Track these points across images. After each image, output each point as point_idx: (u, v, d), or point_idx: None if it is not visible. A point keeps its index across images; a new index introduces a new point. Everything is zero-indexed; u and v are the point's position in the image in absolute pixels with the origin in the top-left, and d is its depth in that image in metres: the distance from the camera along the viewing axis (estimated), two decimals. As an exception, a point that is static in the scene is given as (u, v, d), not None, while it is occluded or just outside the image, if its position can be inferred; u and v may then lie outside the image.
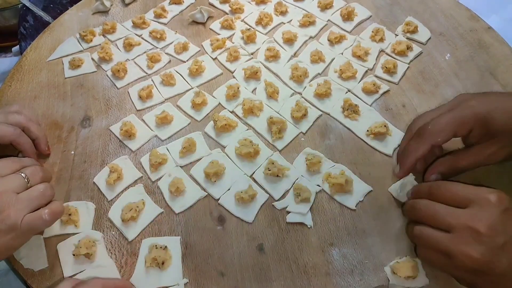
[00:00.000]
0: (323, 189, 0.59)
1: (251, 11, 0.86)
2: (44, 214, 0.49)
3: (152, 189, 0.61)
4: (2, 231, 0.46)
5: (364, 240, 0.54)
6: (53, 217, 0.50)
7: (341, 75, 0.72)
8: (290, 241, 0.55)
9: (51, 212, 0.50)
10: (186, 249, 0.55)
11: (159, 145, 0.66)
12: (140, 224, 0.57)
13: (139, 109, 0.71)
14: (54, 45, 0.84)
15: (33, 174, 0.51)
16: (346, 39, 0.79)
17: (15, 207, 0.47)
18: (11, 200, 0.47)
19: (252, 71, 0.72)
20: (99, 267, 0.54)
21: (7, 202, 0.47)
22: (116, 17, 0.90)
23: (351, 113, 0.67)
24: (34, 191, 0.50)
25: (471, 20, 0.81)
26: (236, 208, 0.58)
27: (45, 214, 0.49)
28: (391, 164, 0.61)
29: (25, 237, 0.50)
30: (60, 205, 0.52)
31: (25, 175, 0.50)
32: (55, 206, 0.51)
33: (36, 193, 0.50)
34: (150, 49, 0.81)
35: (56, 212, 0.51)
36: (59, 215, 0.52)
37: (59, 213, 0.52)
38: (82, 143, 0.67)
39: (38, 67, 0.80)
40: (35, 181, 0.51)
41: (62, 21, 0.90)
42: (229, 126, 0.66)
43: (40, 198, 0.50)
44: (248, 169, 0.62)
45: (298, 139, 0.65)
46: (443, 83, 0.71)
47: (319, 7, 0.86)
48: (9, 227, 0.46)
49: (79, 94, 0.75)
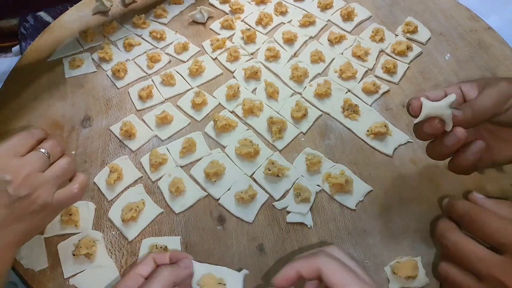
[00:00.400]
0: (323, 189, 0.59)
1: (251, 11, 0.86)
2: (74, 188, 0.50)
3: (152, 189, 0.61)
4: (35, 211, 0.47)
5: (364, 240, 0.54)
6: (83, 190, 0.51)
7: (341, 75, 0.72)
8: (290, 241, 0.55)
9: (80, 186, 0.51)
10: (186, 249, 0.55)
11: (159, 145, 0.66)
12: (140, 224, 0.57)
13: (139, 109, 0.71)
14: (54, 45, 0.84)
15: (53, 149, 0.50)
16: (346, 39, 0.79)
17: (44, 186, 0.47)
18: (39, 180, 0.47)
19: (252, 71, 0.72)
20: (99, 267, 0.54)
21: (35, 183, 0.47)
22: (116, 17, 0.90)
23: (351, 113, 0.67)
24: (58, 168, 0.50)
25: (471, 20, 0.81)
26: (236, 208, 0.58)
27: (75, 188, 0.50)
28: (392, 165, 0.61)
29: (57, 213, 0.52)
30: (85, 177, 0.53)
31: (45, 151, 0.49)
32: (81, 179, 0.52)
33: (61, 169, 0.50)
34: (150, 49, 0.81)
35: (84, 185, 0.52)
36: (87, 186, 0.53)
37: (87, 186, 0.53)
38: (82, 143, 0.67)
39: (38, 67, 0.80)
40: (56, 156, 0.51)
41: (62, 21, 0.90)
42: (229, 126, 0.66)
43: (65, 174, 0.51)
44: (248, 169, 0.62)
45: (298, 139, 0.65)
46: (443, 83, 0.71)
47: (319, 7, 0.86)
48: (42, 207, 0.47)
49: (79, 94, 0.75)
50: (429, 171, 0.60)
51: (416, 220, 0.55)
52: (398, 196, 0.58)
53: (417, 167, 0.61)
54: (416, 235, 0.54)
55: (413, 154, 0.62)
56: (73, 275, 0.53)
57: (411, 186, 0.59)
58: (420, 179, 0.59)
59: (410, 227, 0.55)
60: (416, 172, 0.60)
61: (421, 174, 0.60)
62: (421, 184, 0.59)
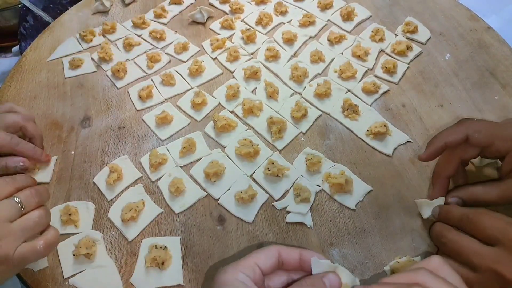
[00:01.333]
0: (323, 189, 0.59)
1: (251, 11, 0.87)
2: (39, 245, 0.46)
3: (152, 189, 0.61)
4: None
5: (364, 240, 0.54)
6: (48, 248, 0.47)
7: (341, 75, 0.72)
8: (290, 241, 0.55)
9: (46, 243, 0.46)
10: (186, 249, 0.55)
11: (159, 145, 0.66)
12: (140, 224, 0.57)
13: (139, 109, 0.71)
14: (54, 45, 0.84)
15: (28, 198, 0.47)
16: (346, 39, 0.79)
17: (7, 238, 0.43)
18: (4, 230, 0.43)
19: (252, 71, 0.72)
20: (99, 267, 0.54)
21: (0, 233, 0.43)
22: (116, 17, 0.90)
23: (351, 113, 0.67)
24: (28, 220, 0.46)
25: (471, 20, 0.81)
26: (236, 208, 0.58)
27: (40, 245, 0.46)
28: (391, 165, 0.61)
29: (16, 269, 0.46)
30: (55, 234, 0.48)
31: (19, 200, 0.46)
32: (50, 236, 0.47)
33: (30, 222, 0.46)
34: (150, 49, 0.81)
35: (51, 243, 0.47)
36: (54, 245, 0.49)
37: (55, 243, 0.49)
38: (82, 143, 0.67)
39: (38, 67, 0.80)
40: (30, 206, 0.47)
41: (62, 21, 0.90)
42: (229, 126, 0.66)
43: (34, 228, 0.46)
44: (248, 169, 0.62)
45: (298, 139, 0.65)
46: (443, 83, 0.71)
47: (319, 7, 0.86)
48: (1, 259, 0.43)
49: (79, 94, 0.75)
50: (428, 171, 0.60)
51: (415, 220, 0.55)
52: (397, 196, 0.58)
53: (417, 167, 0.61)
54: (416, 235, 0.54)
55: (412, 154, 0.62)
56: (72, 275, 0.53)
57: (410, 186, 0.59)
58: (419, 179, 0.59)
59: (410, 227, 0.55)
60: (415, 172, 0.60)
61: (420, 174, 0.60)
62: (421, 184, 0.59)
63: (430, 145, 0.53)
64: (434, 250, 0.52)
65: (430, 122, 0.66)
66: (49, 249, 0.47)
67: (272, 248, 0.39)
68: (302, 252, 0.39)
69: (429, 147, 0.53)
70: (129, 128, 0.69)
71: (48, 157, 0.64)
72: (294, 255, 0.39)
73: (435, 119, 0.66)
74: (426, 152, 0.53)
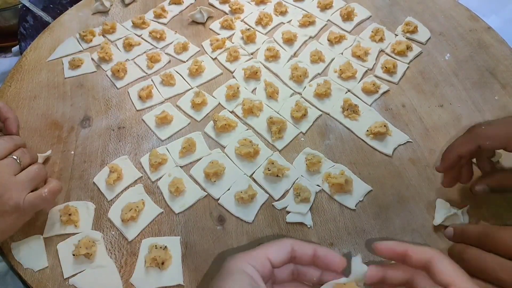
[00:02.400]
0: (323, 189, 0.59)
1: (251, 11, 0.87)
2: (44, 192, 0.52)
3: (152, 189, 0.61)
4: (7, 212, 0.49)
5: (364, 240, 0.54)
6: (52, 195, 0.53)
7: (341, 75, 0.72)
8: (290, 241, 0.55)
9: (50, 190, 0.53)
10: (186, 249, 0.55)
11: (159, 145, 0.66)
12: (140, 224, 0.57)
13: (138, 109, 0.71)
14: (54, 45, 0.84)
15: (24, 155, 0.54)
16: (346, 39, 0.79)
17: (16, 189, 0.49)
18: (11, 182, 0.49)
19: (252, 71, 0.72)
20: (99, 267, 0.54)
21: (8, 184, 0.49)
22: (116, 17, 0.90)
23: (351, 113, 0.67)
24: (30, 171, 0.53)
25: (471, 20, 0.81)
26: (236, 208, 0.58)
27: (45, 192, 0.52)
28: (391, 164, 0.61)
29: (27, 216, 0.53)
30: (57, 183, 0.55)
31: (17, 157, 0.53)
32: (53, 184, 0.54)
33: (32, 174, 0.53)
34: (150, 49, 0.81)
35: (55, 190, 0.54)
36: (57, 192, 0.55)
37: (58, 190, 0.55)
38: (82, 143, 0.67)
39: (38, 67, 0.80)
40: (26, 163, 0.54)
41: (62, 21, 0.90)
42: (229, 126, 0.66)
43: (37, 178, 0.53)
44: (248, 169, 0.62)
45: (298, 139, 0.65)
46: (443, 82, 0.71)
47: (319, 7, 0.86)
48: (13, 208, 0.49)
49: (79, 94, 0.75)
50: (428, 171, 0.60)
51: (415, 220, 0.55)
52: (397, 196, 0.58)
53: (417, 167, 0.61)
54: (415, 235, 0.54)
55: (412, 154, 0.62)
56: (72, 275, 0.53)
57: (410, 186, 0.59)
58: (419, 179, 0.59)
59: (409, 227, 0.55)
60: (415, 172, 0.60)
61: (420, 174, 0.60)
62: (420, 184, 0.59)
63: (445, 158, 0.52)
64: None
65: (430, 122, 0.66)
66: (53, 196, 0.54)
67: (285, 242, 0.39)
68: (317, 249, 0.39)
69: (444, 160, 0.52)
70: (129, 128, 0.69)
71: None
72: (308, 250, 0.39)
73: (435, 119, 0.66)
74: (442, 165, 0.52)
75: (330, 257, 0.38)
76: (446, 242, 0.53)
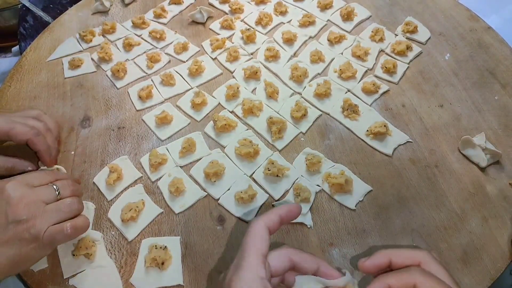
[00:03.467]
0: (323, 189, 0.59)
1: (251, 11, 0.87)
2: (67, 228, 0.48)
3: (152, 189, 0.61)
4: (26, 240, 0.45)
5: (364, 240, 0.54)
6: (75, 231, 0.49)
7: (341, 75, 0.72)
8: (290, 241, 0.55)
9: (74, 226, 0.49)
10: (186, 249, 0.55)
11: (159, 145, 0.66)
12: (140, 224, 0.57)
13: (138, 109, 0.71)
14: (54, 45, 0.84)
15: (64, 186, 0.51)
16: (346, 39, 0.79)
17: (41, 217, 0.46)
18: (39, 210, 0.46)
19: (252, 71, 0.72)
20: (99, 267, 0.54)
21: (35, 211, 0.46)
22: (115, 17, 0.90)
23: (351, 113, 0.67)
24: (62, 203, 0.49)
25: (471, 20, 0.81)
26: (236, 208, 0.58)
27: (68, 228, 0.48)
28: (391, 164, 0.61)
29: (46, 249, 0.48)
30: (85, 220, 0.51)
31: (56, 187, 0.50)
32: (79, 220, 0.50)
33: (63, 206, 0.49)
34: (150, 49, 0.81)
35: (79, 226, 0.49)
36: (82, 230, 0.51)
37: (82, 228, 0.50)
38: (81, 143, 0.67)
39: (38, 67, 0.80)
40: (65, 194, 0.50)
41: (62, 21, 0.90)
42: (229, 126, 0.66)
43: (66, 211, 0.49)
44: (248, 169, 0.62)
45: (298, 139, 0.65)
46: (443, 82, 0.71)
47: (319, 7, 0.86)
48: (33, 237, 0.45)
49: (78, 94, 0.75)
50: (428, 171, 0.60)
51: (415, 220, 0.55)
52: (397, 196, 0.58)
53: (416, 167, 0.61)
54: (415, 235, 0.54)
55: (412, 154, 0.62)
56: (72, 275, 0.53)
57: (410, 186, 0.59)
58: (419, 179, 0.59)
59: (409, 227, 0.55)
60: (415, 172, 0.60)
61: (420, 174, 0.60)
62: (420, 184, 0.59)
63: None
64: (433, 249, 0.52)
65: (430, 122, 0.66)
66: (76, 233, 0.49)
67: (283, 253, 0.39)
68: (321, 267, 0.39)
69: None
70: (129, 128, 0.69)
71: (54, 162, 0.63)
72: (312, 264, 0.39)
73: (435, 119, 0.66)
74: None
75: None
76: (446, 242, 0.53)
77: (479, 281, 0.50)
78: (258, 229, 0.39)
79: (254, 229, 0.39)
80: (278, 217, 0.41)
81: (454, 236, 0.54)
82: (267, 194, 0.59)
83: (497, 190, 0.58)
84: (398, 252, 0.38)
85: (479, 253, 0.52)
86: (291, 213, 0.42)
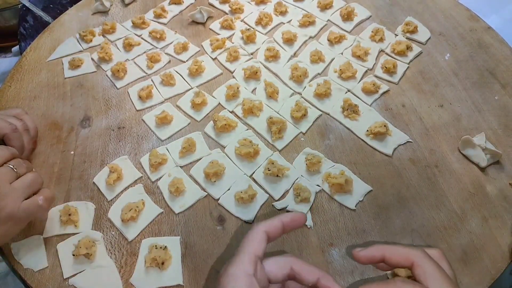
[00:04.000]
0: (323, 189, 0.59)
1: (251, 11, 0.87)
2: (40, 199, 0.52)
3: (152, 189, 0.61)
4: (1, 219, 0.48)
5: (364, 240, 0.54)
6: (47, 202, 0.53)
7: (341, 75, 0.72)
8: (290, 241, 0.55)
9: (45, 198, 0.53)
10: (186, 249, 0.55)
11: (159, 145, 0.66)
12: (140, 224, 0.57)
13: (138, 109, 0.71)
14: (54, 45, 0.84)
15: (19, 164, 0.53)
16: (346, 39, 0.79)
17: (11, 196, 0.49)
18: (6, 190, 0.49)
19: (252, 71, 0.72)
20: (99, 267, 0.54)
21: (3, 192, 0.49)
22: (115, 17, 0.90)
23: (351, 113, 0.67)
24: (26, 179, 0.52)
25: (471, 20, 0.81)
26: (236, 208, 0.58)
27: (40, 199, 0.52)
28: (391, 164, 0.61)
29: (22, 223, 0.52)
30: (50, 191, 0.55)
31: (13, 166, 0.52)
32: (47, 192, 0.54)
33: (28, 182, 0.52)
34: (150, 49, 0.81)
35: (49, 197, 0.54)
36: (52, 200, 0.55)
37: (52, 198, 0.55)
38: (81, 143, 0.67)
39: (38, 67, 0.80)
40: (22, 170, 0.53)
41: (62, 21, 0.90)
42: (229, 126, 0.66)
43: (32, 186, 0.53)
44: (248, 169, 0.62)
45: (298, 139, 0.65)
46: (443, 82, 0.71)
47: (319, 7, 0.86)
48: (8, 215, 0.48)
49: (78, 94, 0.75)
50: (428, 171, 0.60)
51: (415, 220, 0.55)
52: (397, 196, 0.58)
53: (416, 167, 0.61)
54: (415, 235, 0.54)
55: (412, 154, 0.62)
56: (72, 275, 0.53)
57: (410, 186, 0.59)
58: (419, 179, 0.59)
59: (409, 227, 0.55)
60: (415, 172, 0.60)
61: (420, 174, 0.60)
62: (420, 184, 0.59)
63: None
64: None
65: (430, 122, 0.66)
66: (48, 203, 0.53)
67: (283, 260, 0.40)
68: (321, 279, 0.38)
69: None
70: (129, 128, 0.69)
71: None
72: (312, 275, 0.39)
73: (435, 119, 0.66)
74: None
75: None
76: (446, 243, 0.53)
77: (479, 281, 0.50)
78: (256, 232, 0.41)
79: (252, 232, 0.41)
80: (281, 224, 0.42)
81: (454, 236, 0.54)
82: (267, 194, 0.59)
83: (497, 190, 0.58)
84: (393, 248, 0.39)
85: (479, 253, 0.52)
86: (294, 222, 0.43)
